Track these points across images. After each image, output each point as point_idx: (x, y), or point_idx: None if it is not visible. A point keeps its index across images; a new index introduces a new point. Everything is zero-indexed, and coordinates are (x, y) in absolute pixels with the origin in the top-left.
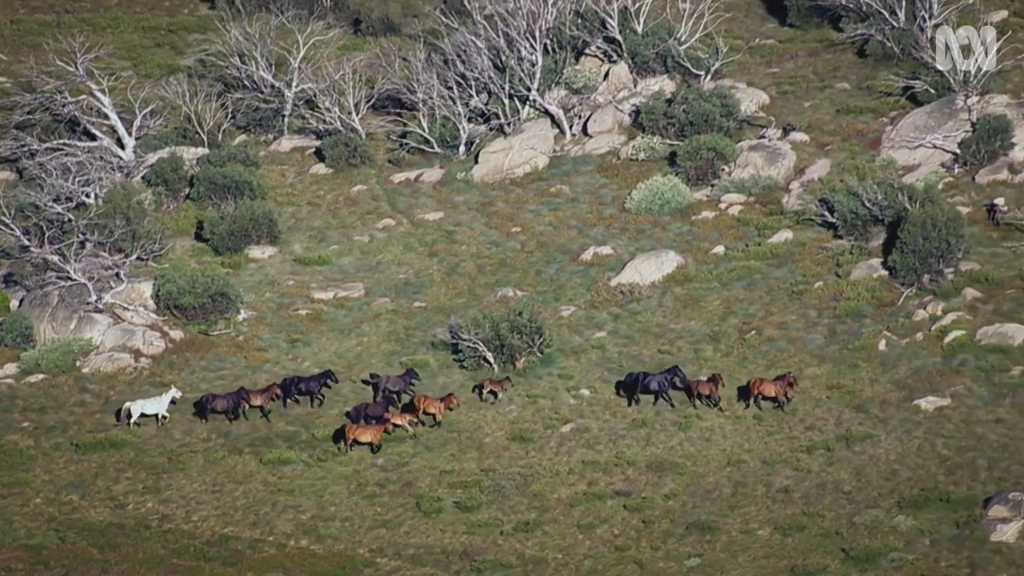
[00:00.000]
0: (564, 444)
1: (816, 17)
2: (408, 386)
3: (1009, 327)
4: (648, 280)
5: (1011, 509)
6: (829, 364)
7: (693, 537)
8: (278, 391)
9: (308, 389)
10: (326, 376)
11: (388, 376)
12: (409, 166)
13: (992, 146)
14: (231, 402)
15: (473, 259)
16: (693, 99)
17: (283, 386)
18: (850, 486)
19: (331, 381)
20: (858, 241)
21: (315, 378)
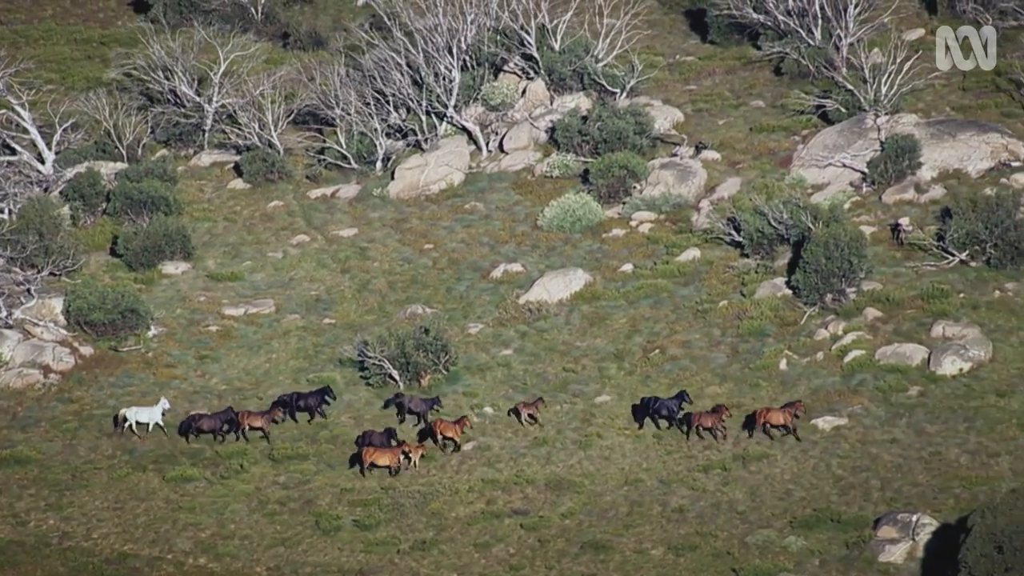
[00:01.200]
0: (465, 462)
1: (736, 34)
2: (431, 409)
3: (908, 347)
4: (556, 298)
5: (900, 530)
6: (730, 383)
7: (587, 556)
8: (280, 413)
9: (308, 405)
10: (324, 392)
11: (412, 397)
12: (326, 182)
13: (900, 165)
14: (218, 422)
15: (385, 276)
16: (607, 117)
17: (283, 403)
18: (744, 506)
19: (329, 397)
20: (764, 260)
21: (314, 394)
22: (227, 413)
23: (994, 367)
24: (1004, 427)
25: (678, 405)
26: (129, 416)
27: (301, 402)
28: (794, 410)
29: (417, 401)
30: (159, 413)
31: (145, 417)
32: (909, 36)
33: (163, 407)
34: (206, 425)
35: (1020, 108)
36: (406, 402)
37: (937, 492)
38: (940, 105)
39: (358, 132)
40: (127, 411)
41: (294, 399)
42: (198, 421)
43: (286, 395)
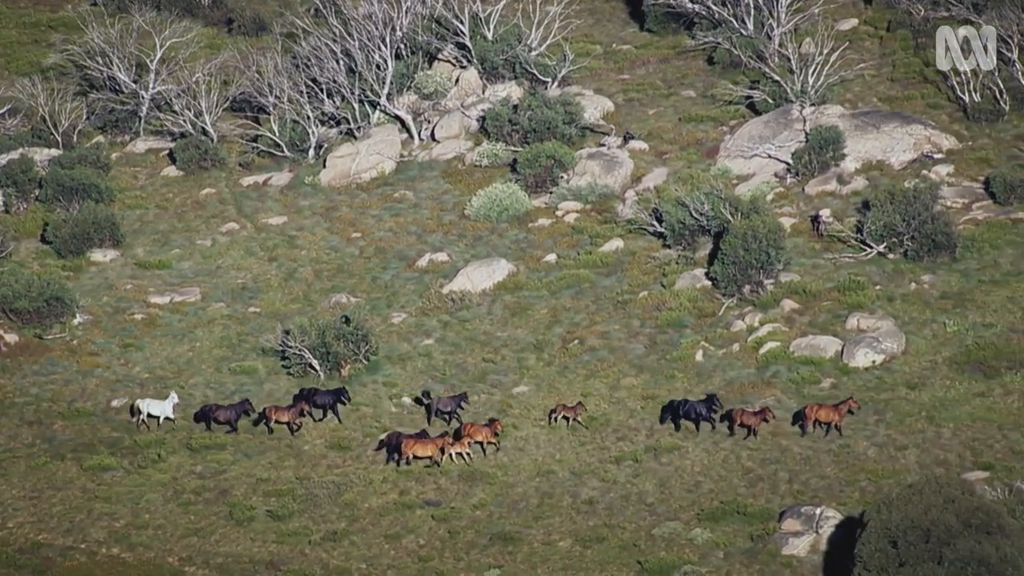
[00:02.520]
0: (381, 452)
1: (673, 23)
2: (459, 408)
3: (822, 339)
4: (479, 288)
5: (803, 523)
6: (647, 374)
7: (496, 548)
8: (305, 406)
9: (322, 403)
10: (340, 392)
11: (440, 397)
12: (259, 169)
13: (824, 157)
14: (234, 413)
15: (312, 264)
16: (537, 106)
17: (303, 397)
18: (653, 498)
19: (344, 398)
20: (685, 251)
21: (330, 392)
22: (243, 405)
23: (906, 359)
24: (913, 420)
25: (708, 408)
26: (143, 408)
27: (316, 399)
28: (847, 407)
29: (446, 401)
30: (170, 407)
31: (157, 410)
32: (842, 26)
33: (173, 401)
34: (222, 416)
35: (946, 99)
36: (434, 402)
37: (843, 485)
38: (868, 96)
39: (291, 120)
40: (140, 403)
41: (311, 394)
42: (214, 411)
43: (304, 390)
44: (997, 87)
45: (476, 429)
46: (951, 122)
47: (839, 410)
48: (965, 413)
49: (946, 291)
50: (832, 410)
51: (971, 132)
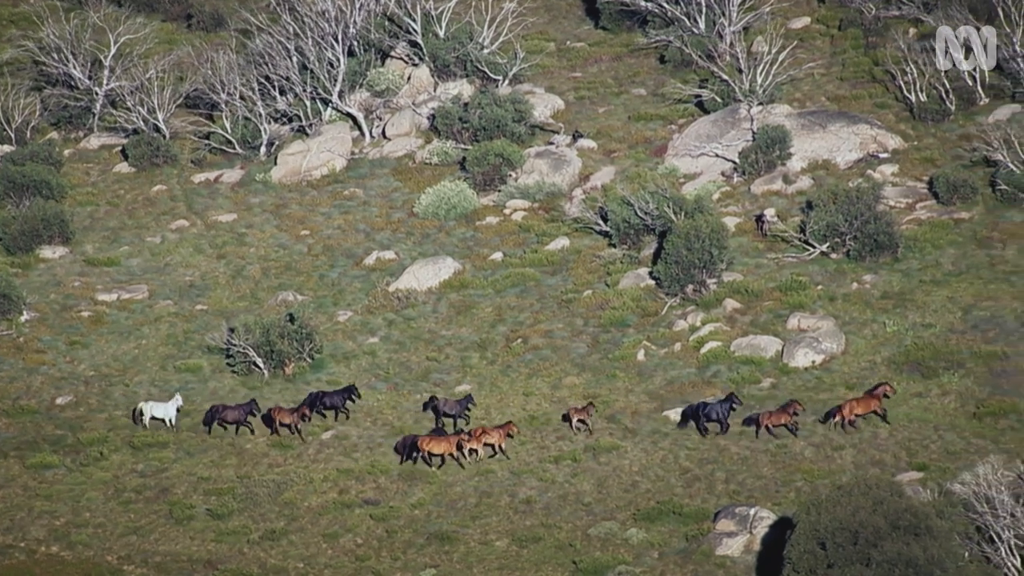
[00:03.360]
0: (322, 451)
1: (627, 20)
2: (464, 411)
3: (763, 339)
4: (425, 286)
5: (737, 523)
6: (589, 373)
7: (433, 547)
8: (307, 411)
9: (332, 404)
10: (349, 391)
11: (446, 400)
12: (211, 166)
13: (770, 156)
14: (242, 413)
15: (260, 262)
16: (487, 104)
17: (309, 401)
18: (590, 497)
19: (355, 396)
20: (630, 250)
21: (339, 392)
22: (250, 405)
23: (845, 359)
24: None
25: (727, 409)
26: (145, 410)
27: (327, 400)
28: (881, 391)
29: (451, 404)
30: (173, 409)
31: (160, 412)
32: (794, 24)
33: (177, 403)
34: (230, 416)
35: (894, 99)
36: (440, 405)
37: (779, 485)
38: (817, 95)
39: (243, 117)
40: (143, 405)
41: (319, 397)
42: (222, 412)
43: (313, 393)
44: (943, 87)
45: (488, 433)
46: (898, 122)
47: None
48: (902, 413)
49: (887, 291)
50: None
51: (917, 132)
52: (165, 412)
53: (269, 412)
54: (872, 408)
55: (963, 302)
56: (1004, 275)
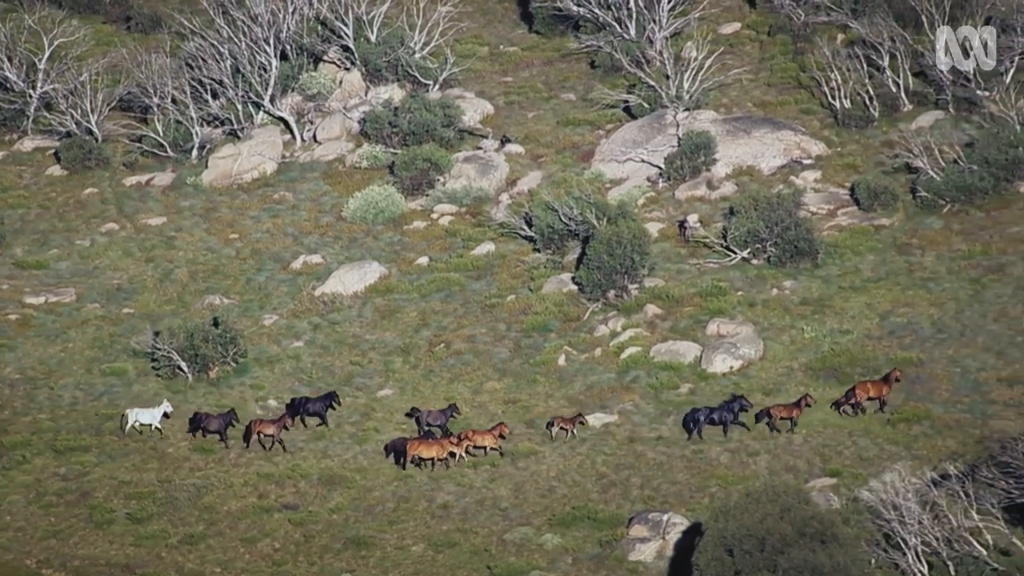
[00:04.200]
0: (243, 455)
1: (560, 25)
2: (448, 420)
3: (682, 344)
4: (351, 290)
5: (651, 529)
6: (510, 378)
7: (349, 552)
8: (289, 421)
9: (315, 410)
10: (331, 397)
11: (429, 411)
12: (143, 169)
13: (695, 162)
14: (223, 423)
15: (188, 265)
16: (416, 109)
17: (292, 407)
18: (507, 503)
19: (335, 403)
20: (554, 255)
21: (321, 399)
22: (229, 415)
23: (763, 365)
24: (765, 425)
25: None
26: (131, 417)
27: (309, 406)
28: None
29: (435, 414)
30: (160, 415)
31: (147, 418)
32: (725, 30)
33: (164, 409)
34: (213, 425)
35: (819, 105)
36: (424, 416)
37: (694, 491)
38: (744, 101)
39: (175, 120)
40: (129, 412)
41: (302, 404)
42: (205, 420)
43: (296, 400)
44: (868, 94)
45: (479, 435)
46: (822, 128)
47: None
48: (817, 419)
49: (806, 297)
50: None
51: (841, 138)
52: (152, 418)
53: (250, 425)
54: (883, 393)
55: (881, 308)
56: (922, 281)
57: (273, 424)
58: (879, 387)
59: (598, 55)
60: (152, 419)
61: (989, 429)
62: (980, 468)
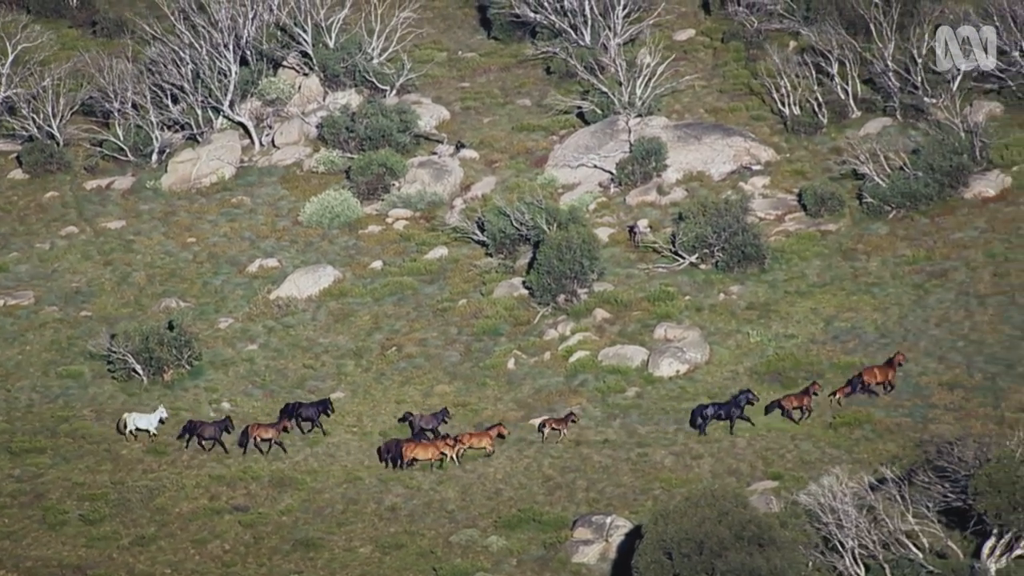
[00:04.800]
0: (196, 457)
1: (518, 31)
2: (440, 424)
3: (629, 348)
4: (305, 294)
5: (594, 531)
6: (460, 381)
7: (298, 554)
8: (288, 424)
9: (308, 416)
10: (324, 404)
11: (421, 415)
12: (104, 173)
13: (646, 167)
14: (218, 429)
15: (145, 269)
16: (373, 114)
17: (285, 412)
18: (454, 505)
19: (329, 409)
20: (506, 260)
21: (314, 405)
22: (225, 422)
23: (709, 369)
24: (711, 429)
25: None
26: (129, 422)
27: (302, 411)
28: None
29: (428, 418)
30: (156, 420)
31: (144, 423)
32: (679, 36)
33: (160, 415)
34: (207, 432)
35: (770, 111)
36: (416, 420)
37: (638, 493)
38: (696, 107)
39: (135, 125)
40: (127, 416)
41: (295, 409)
42: (200, 428)
43: (290, 404)
44: (817, 101)
45: (475, 437)
46: (772, 134)
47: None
48: (761, 423)
49: (753, 302)
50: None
51: (790, 144)
52: (148, 423)
53: (246, 429)
54: (883, 379)
55: (825, 313)
56: (866, 287)
57: (271, 428)
58: (884, 372)
59: (553, 61)
60: (149, 424)
61: (929, 433)
62: (917, 472)
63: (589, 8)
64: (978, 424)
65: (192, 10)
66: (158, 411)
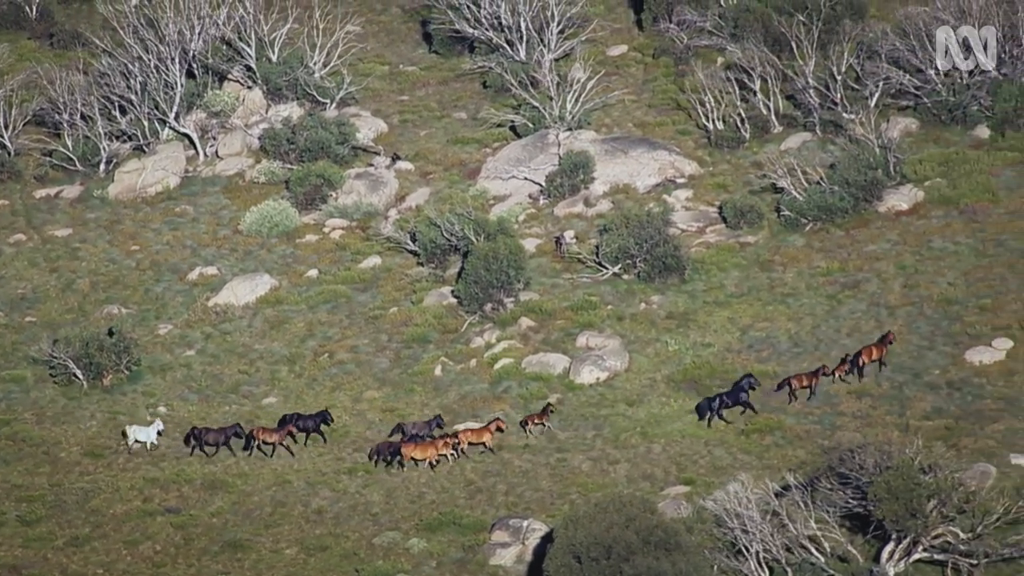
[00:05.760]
0: (132, 460)
1: (457, 46)
2: (432, 431)
3: (552, 356)
4: (242, 301)
5: (511, 535)
6: (389, 387)
7: (226, 555)
8: (294, 429)
9: (306, 427)
10: (323, 415)
11: (414, 423)
12: (53, 182)
13: (574, 180)
14: (224, 435)
15: (90, 276)
16: (312, 127)
17: (283, 424)
18: (378, 508)
19: (328, 419)
20: (436, 269)
21: (313, 416)
22: (233, 428)
23: (628, 377)
24: (628, 435)
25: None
26: (129, 434)
27: (300, 423)
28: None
29: (420, 425)
30: (154, 433)
31: (143, 436)
32: (613, 52)
33: (157, 428)
34: (211, 438)
35: (695, 126)
36: (408, 429)
37: (555, 497)
38: (625, 121)
39: (84, 136)
40: (128, 429)
41: (292, 420)
42: (205, 435)
43: (288, 415)
44: (740, 116)
45: (475, 433)
46: (696, 148)
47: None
48: (676, 429)
49: (672, 311)
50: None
51: (713, 158)
52: (147, 436)
53: (251, 432)
54: (877, 356)
55: (742, 323)
56: (782, 297)
57: (276, 433)
58: (880, 349)
59: (489, 76)
60: (148, 436)
61: (836, 440)
62: (820, 479)
63: (525, 25)
64: (884, 431)
65: (141, 25)
66: (155, 424)
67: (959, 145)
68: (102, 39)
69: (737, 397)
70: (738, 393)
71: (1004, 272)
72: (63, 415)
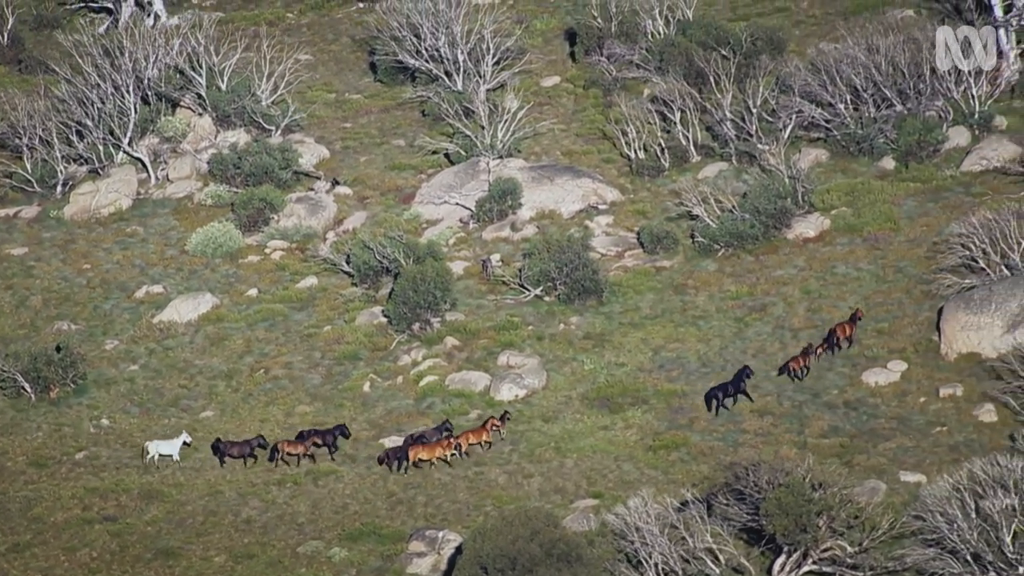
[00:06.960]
0: (74, 470)
1: (401, 75)
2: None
3: (474, 374)
4: (185, 318)
5: (427, 544)
6: (320, 402)
7: (159, 562)
8: (318, 440)
9: (324, 442)
10: (340, 428)
11: (427, 428)
12: (12, 203)
13: (503, 205)
14: (247, 448)
15: (42, 293)
16: (257, 152)
17: (299, 437)
18: (304, 518)
19: (346, 434)
20: (369, 290)
21: (330, 431)
22: (257, 440)
23: (545, 394)
24: (542, 450)
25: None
26: (151, 449)
27: (317, 438)
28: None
29: (431, 432)
30: (178, 446)
31: (166, 449)
32: (546, 82)
33: (183, 440)
34: (236, 451)
35: (619, 155)
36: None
37: (471, 509)
38: (554, 150)
39: (42, 159)
40: (149, 444)
41: (307, 436)
42: (227, 448)
43: (304, 430)
44: (660, 146)
45: (473, 434)
46: (619, 176)
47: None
48: (588, 445)
49: (589, 332)
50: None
51: (634, 186)
52: (171, 449)
53: (275, 445)
54: (849, 333)
55: (654, 343)
56: (693, 319)
57: (300, 445)
58: (851, 327)
59: (427, 104)
60: (172, 450)
61: (738, 456)
62: (717, 495)
63: (462, 57)
64: (783, 449)
65: (98, 55)
66: (180, 436)
67: (866, 175)
68: (61, 67)
69: (738, 386)
70: (739, 382)
71: (902, 297)
72: (10, 426)
